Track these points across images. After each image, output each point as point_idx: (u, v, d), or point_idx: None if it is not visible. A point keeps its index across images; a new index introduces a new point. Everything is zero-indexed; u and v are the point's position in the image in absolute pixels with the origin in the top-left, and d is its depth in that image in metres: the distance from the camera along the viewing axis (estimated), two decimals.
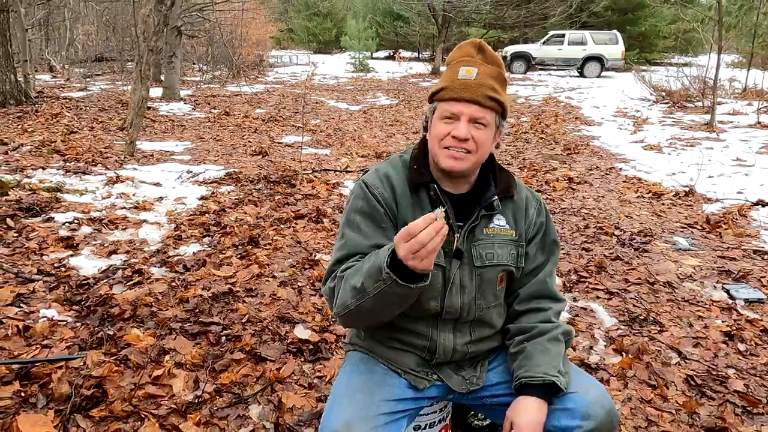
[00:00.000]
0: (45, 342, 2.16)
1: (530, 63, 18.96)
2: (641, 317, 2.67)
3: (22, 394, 1.84)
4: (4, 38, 7.88)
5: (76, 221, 3.51)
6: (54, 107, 8.17)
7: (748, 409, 1.98)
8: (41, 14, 13.61)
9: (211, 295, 2.65)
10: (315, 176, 5.15)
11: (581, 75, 18.11)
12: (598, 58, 17.89)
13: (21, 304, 2.43)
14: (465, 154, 1.20)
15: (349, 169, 5.59)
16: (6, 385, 1.88)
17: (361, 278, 1.09)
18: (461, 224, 1.26)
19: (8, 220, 3.38)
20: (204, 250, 3.23)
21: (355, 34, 21.45)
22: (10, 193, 3.89)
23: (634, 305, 2.80)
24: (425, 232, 0.98)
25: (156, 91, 10.61)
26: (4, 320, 2.26)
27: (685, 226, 4.06)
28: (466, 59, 1.22)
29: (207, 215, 3.85)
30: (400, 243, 1.00)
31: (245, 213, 3.94)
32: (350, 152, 6.63)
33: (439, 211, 1.01)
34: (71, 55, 15.77)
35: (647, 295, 2.92)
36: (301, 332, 2.40)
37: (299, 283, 2.90)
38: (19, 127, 6.67)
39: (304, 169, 5.36)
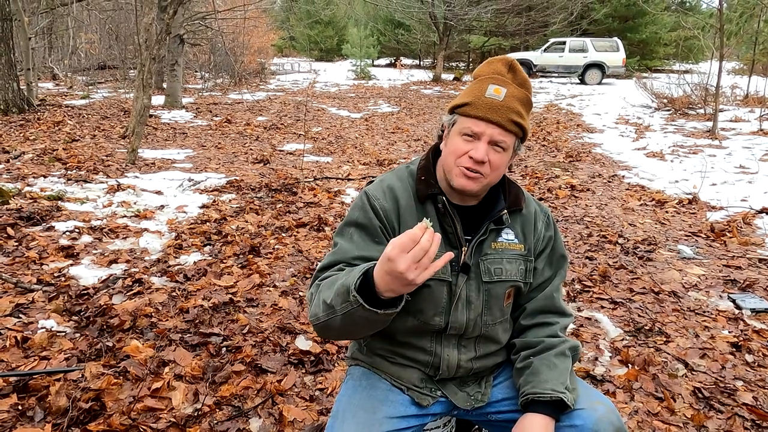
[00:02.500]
0: (43, 353, 2.14)
1: (531, 70, 18.99)
2: (646, 327, 2.64)
3: (20, 408, 1.82)
4: (7, 47, 7.91)
5: (76, 230, 3.49)
6: (56, 115, 8.19)
7: (758, 422, 1.95)
8: (45, 22, 13.69)
9: (211, 305, 2.63)
10: (316, 184, 5.13)
11: (582, 82, 18.14)
12: (599, 66, 17.92)
13: (20, 315, 2.41)
14: (478, 176, 1.16)
15: (350, 176, 5.58)
16: (3, 398, 1.85)
17: (332, 295, 1.06)
18: (469, 238, 1.23)
19: (8, 229, 3.37)
20: (205, 260, 3.21)
21: (357, 41, 21.52)
22: (11, 201, 3.88)
23: (639, 315, 2.77)
24: (425, 238, 0.93)
25: (158, 99, 10.65)
26: (2, 331, 2.25)
27: (689, 234, 4.03)
28: (496, 77, 1.18)
29: (208, 224, 3.84)
30: (400, 255, 0.92)
31: (246, 221, 3.92)
32: (352, 160, 6.62)
33: (428, 221, 0.97)
34: (74, 63, 15.84)
35: (652, 304, 2.89)
36: (302, 343, 2.37)
37: (300, 293, 2.87)
38: (21, 135, 6.68)
39: (306, 177, 5.35)
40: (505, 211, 1.25)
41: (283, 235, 3.71)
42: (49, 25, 14.62)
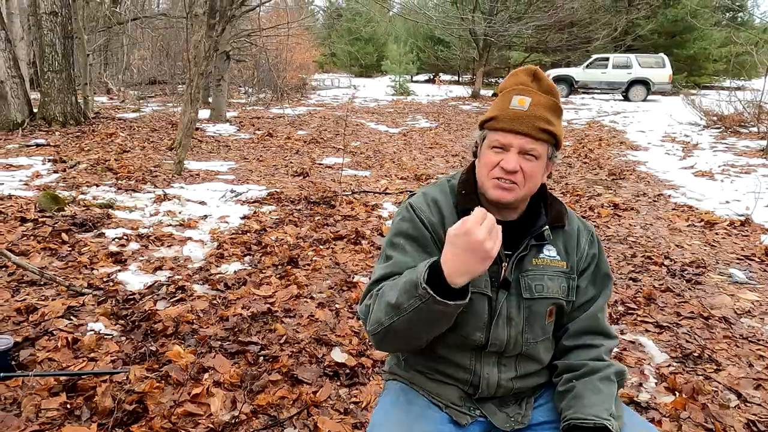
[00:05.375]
0: (91, 355, 2.22)
1: (572, 86, 18.71)
2: (695, 354, 2.52)
3: (68, 406, 1.89)
4: (68, 63, 8.40)
5: (125, 237, 3.64)
6: (109, 127, 8.60)
7: None
8: (102, 40, 14.48)
9: (250, 314, 2.67)
10: (354, 198, 5.18)
11: (626, 99, 17.72)
12: (644, 82, 17.48)
13: (71, 317, 2.52)
14: (513, 185, 1.16)
15: (388, 191, 5.61)
16: (54, 396, 1.94)
17: (396, 294, 1.07)
18: (509, 253, 1.21)
19: (63, 234, 3.54)
20: (245, 269, 3.28)
21: (396, 58, 21.75)
22: (66, 208, 4.09)
23: (687, 341, 2.65)
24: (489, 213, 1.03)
25: (204, 113, 11.03)
26: (54, 332, 2.35)
27: (742, 257, 3.84)
28: (520, 88, 1.18)
29: (248, 234, 3.93)
30: (476, 226, 0.99)
31: (285, 233, 3.99)
32: (389, 174, 6.66)
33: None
34: (127, 78, 16.67)
35: (701, 330, 2.76)
36: (338, 355, 2.38)
37: (337, 305, 2.89)
38: (77, 146, 7.05)
39: (344, 191, 5.41)
40: (547, 227, 1.23)
41: (321, 247, 3.76)
42: (105, 42, 15.46)
